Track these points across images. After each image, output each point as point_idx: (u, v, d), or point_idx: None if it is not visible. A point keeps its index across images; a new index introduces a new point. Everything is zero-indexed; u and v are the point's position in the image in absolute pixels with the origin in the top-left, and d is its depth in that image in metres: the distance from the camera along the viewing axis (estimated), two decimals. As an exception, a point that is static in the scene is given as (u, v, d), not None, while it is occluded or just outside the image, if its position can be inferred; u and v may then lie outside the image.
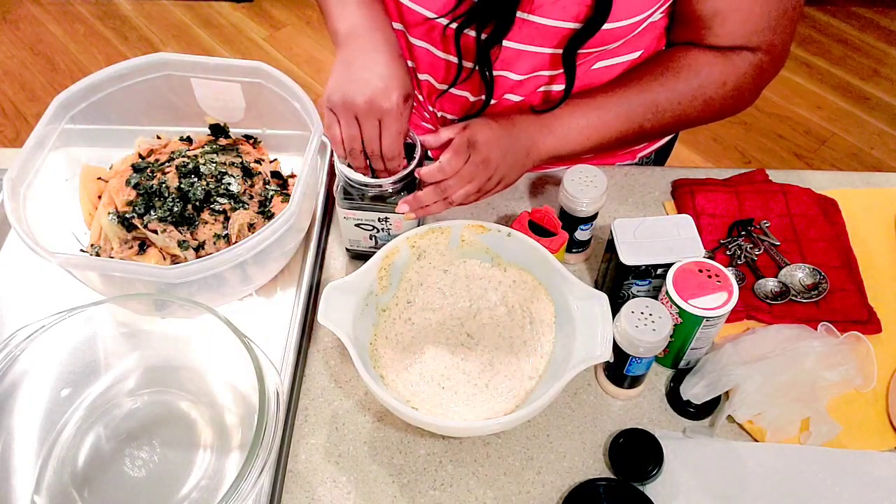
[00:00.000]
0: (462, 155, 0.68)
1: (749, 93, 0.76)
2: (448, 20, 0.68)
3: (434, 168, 0.68)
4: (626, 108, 0.75)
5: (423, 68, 0.81)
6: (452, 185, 0.68)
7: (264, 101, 0.80)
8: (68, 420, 0.68)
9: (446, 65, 0.78)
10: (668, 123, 0.76)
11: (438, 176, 0.68)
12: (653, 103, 0.74)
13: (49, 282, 0.76)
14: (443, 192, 0.69)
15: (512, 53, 0.73)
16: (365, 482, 0.66)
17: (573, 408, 0.70)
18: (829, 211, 0.84)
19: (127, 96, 0.82)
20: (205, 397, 0.70)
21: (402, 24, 0.76)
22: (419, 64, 0.80)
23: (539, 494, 0.65)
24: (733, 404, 0.67)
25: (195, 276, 0.66)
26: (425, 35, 0.75)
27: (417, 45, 0.77)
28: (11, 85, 2.33)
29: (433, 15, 0.70)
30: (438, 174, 0.68)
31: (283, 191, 0.82)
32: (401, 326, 0.71)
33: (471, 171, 0.68)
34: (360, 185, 0.70)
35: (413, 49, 0.78)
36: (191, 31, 2.54)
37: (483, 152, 0.69)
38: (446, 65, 0.78)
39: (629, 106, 0.74)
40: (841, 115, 2.19)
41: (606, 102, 0.75)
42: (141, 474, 0.65)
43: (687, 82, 0.74)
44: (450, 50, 0.75)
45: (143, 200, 0.76)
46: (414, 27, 0.75)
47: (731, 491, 0.64)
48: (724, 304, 0.64)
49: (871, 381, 0.70)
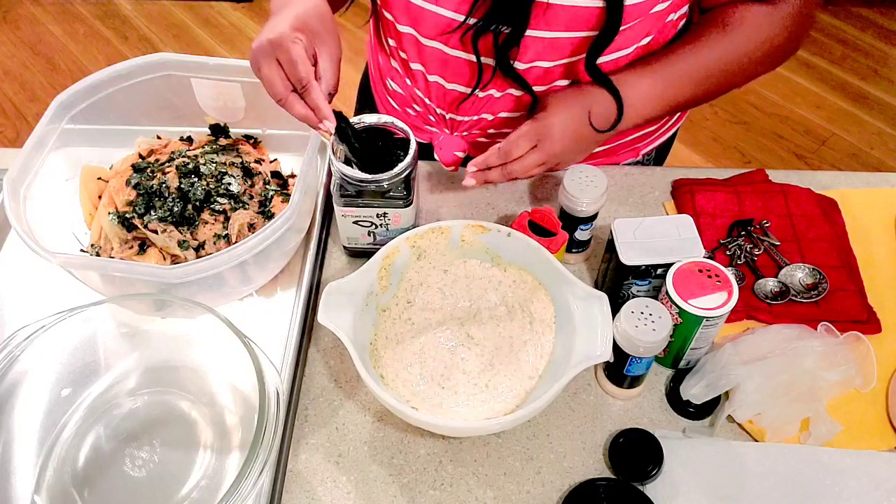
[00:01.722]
0: (530, 141, 0.72)
1: (803, 33, 0.77)
2: (465, 28, 0.69)
3: (499, 152, 0.73)
4: (690, 67, 0.75)
5: (432, 70, 0.79)
6: (516, 170, 0.73)
7: (264, 101, 0.80)
8: (68, 420, 0.68)
9: (458, 64, 0.76)
10: (736, 77, 0.77)
11: (504, 159, 0.73)
12: (720, 59, 0.75)
13: (49, 282, 0.76)
14: (508, 174, 0.73)
15: (541, 42, 0.72)
16: (365, 482, 0.66)
17: (573, 408, 0.70)
18: (829, 211, 0.84)
19: (127, 96, 0.82)
20: (205, 397, 0.70)
21: (413, 29, 0.75)
22: (429, 66, 0.79)
23: (539, 494, 0.65)
24: (733, 404, 0.67)
25: (195, 276, 0.66)
26: (439, 37, 0.75)
27: (430, 48, 0.76)
28: (11, 85, 2.33)
29: (450, 14, 0.70)
30: (503, 157, 0.73)
31: (283, 191, 0.82)
32: (401, 326, 0.71)
33: (538, 157, 0.72)
34: (356, 181, 0.71)
35: (424, 52, 0.77)
36: (191, 31, 2.54)
37: (555, 145, 0.73)
38: (458, 64, 0.76)
39: (694, 65, 0.75)
40: (841, 115, 2.19)
41: (670, 67, 0.75)
42: (141, 474, 0.65)
43: (745, 36, 0.74)
44: (463, 49, 0.74)
45: (144, 200, 0.76)
46: (430, 29, 0.74)
47: (730, 491, 0.64)
48: (724, 304, 0.64)
49: (870, 381, 0.70)
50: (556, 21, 0.69)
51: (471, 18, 0.69)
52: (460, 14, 0.69)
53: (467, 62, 0.75)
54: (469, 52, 0.74)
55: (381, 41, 0.86)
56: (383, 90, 0.91)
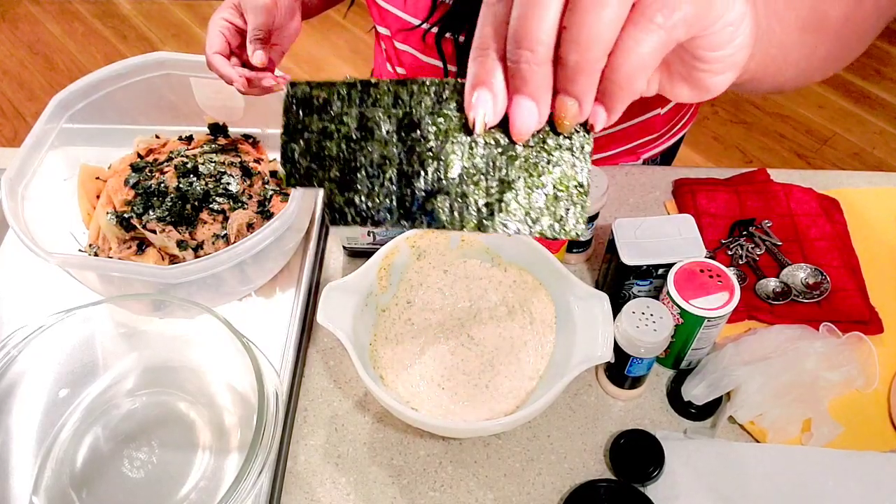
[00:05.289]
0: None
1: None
2: (427, 25, 0.69)
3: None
4: None
5: (412, 74, 0.81)
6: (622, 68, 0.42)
7: (263, 101, 0.80)
8: (66, 421, 0.68)
9: (433, 70, 0.77)
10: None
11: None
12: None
13: (47, 282, 0.76)
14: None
15: None
16: (364, 483, 0.66)
17: (574, 408, 0.70)
18: (831, 211, 0.83)
19: (126, 95, 0.82)
20: (204, 398, 0.69)
21: (387, 30, 0.76)
22: (409, 70, 0.80)
23: (539, 496, 0.65)
24: (735, 405, 0.67)
25: (194, 277, 0.65)
26: (408, 41, 0.76)
27: (403, 51, 0.77)
28: (10, 84, 2.32)
29: (413, 20, 0.70)
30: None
31: (282, 190, 0.82)
32: (401, 327, 0.71)
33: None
34: None
35: (400, 55, 0.78)
36: (190, 31, 2.54)
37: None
38: (433, 70, 0.77)
39: None
40: (843, 115, 2.19)
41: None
42: (139, 475, 0.64)
43: None
44: (432, 55, 0.75)
45: (142, 200, 0.75)
46: (396, 33, 0.75)
47: (732, 492, 0.64)
48: (726, 304, 0.63)
49: (872, 381, 0.69)
50: None
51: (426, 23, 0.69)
52: (417, 18, 0.70)
53: (441, 69, 0.76)
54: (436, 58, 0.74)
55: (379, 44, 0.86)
56: None
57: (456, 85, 0.34)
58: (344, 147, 0.35)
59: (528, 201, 0.34)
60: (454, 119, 0.34)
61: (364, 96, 0.34)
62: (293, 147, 0.35)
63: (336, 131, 0.35)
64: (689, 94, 0.36)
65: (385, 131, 0.34)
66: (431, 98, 0.34)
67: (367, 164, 0.34)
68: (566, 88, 0.30)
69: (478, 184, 0.34)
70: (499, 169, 0.34)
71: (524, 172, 0.34)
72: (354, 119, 0.34)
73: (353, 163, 0.35)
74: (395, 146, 0.34)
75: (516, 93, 0.31)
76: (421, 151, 0.34)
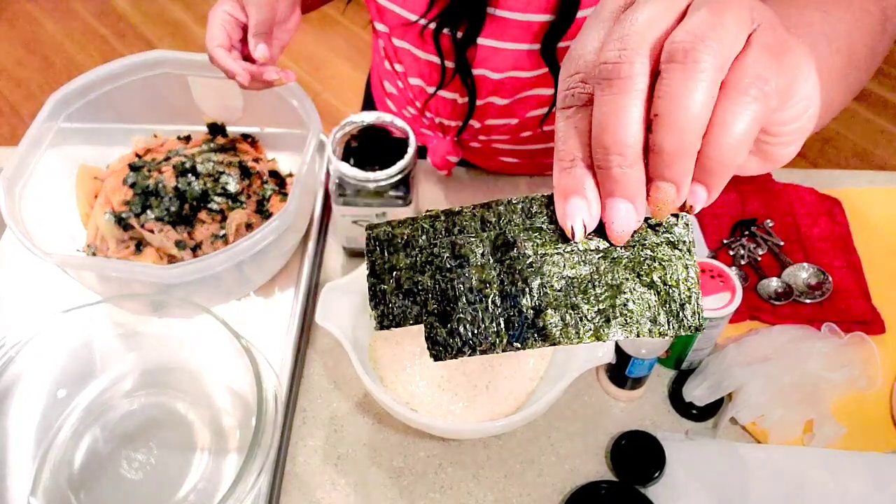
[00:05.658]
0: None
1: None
2: (426, 21, 0.69)
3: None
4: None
5: (411, 72, 0.80)
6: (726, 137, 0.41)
7: (262, 100, 0.80)
8: (64, 422, 0.67)
9: (430, 66, 0.77)
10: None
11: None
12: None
13: (45, 282, 0.75)
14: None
15: (488, 51, 0.72)
16: (364, 484, 0.65)
17: (574, 409, 0.70)
18: (833, 210, 0.83)
19: (123, 95, 0.82)
20: (202, 399, 0.69)
21: (385, 26, 0.76)
22: (407, 68, 0.80)
23: (540, 497, 0.64)
24: (736, 406, 0.66)
25: (192, 277, 0.65)
26: (407, 37, 0.75)
27: (400, 48, 0.77)
28: (7, 83, 2.32)
29: (411, 16, 0.70)
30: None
31: (280, 190, 0.82)
32: (400, 327, 0.71)
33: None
34: (355, 180, 0.70)
35: (398, 52, 0.78)
36: (188, 29, 2.53)
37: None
38: (430, 66, 0.77)
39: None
40: (845, 114, 2.18)
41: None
42: (138, 476, 0.64)
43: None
44: (431, 51, 0.75)
45: (140, 200, 0.75)
46: (395, 29, 0.75)
47: (733, 493, 0.63)
48: (728, 304, 0.63)
49: (875, 382, 0.69)
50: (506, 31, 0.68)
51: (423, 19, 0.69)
52: (415, 13, 0.70)
53: (438, 66, 0.76)
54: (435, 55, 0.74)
55: (377, 41, 0.86)
56: (381, 91, 0.91)
57: (542, 199, 0.33)
58: (439, 278, 0.34)
59: (642, 302, 0.33)
60: (549, 231, 0.33)
61: (449, 226, 0.34)
62: (382, 288, 0.34)
63: (428, 262, 0.34)
64: (758, 166, 0.35)
65: (480, 254, 0.34)
66: (520, 215, 0.33)
67: (465, 292, 0.34)
68: (662, 174, 0.29)
69: (586, 292, 0.33)
70: (604, 274, 0.33)
71: (631, 273, 0.33)
72: (447, 248, 0.34)
73: (452, 291, 0.34)
74: (493, 268, 0.33)
75: (610, 196, 0.30)
76: (521, 269, 0.33)
